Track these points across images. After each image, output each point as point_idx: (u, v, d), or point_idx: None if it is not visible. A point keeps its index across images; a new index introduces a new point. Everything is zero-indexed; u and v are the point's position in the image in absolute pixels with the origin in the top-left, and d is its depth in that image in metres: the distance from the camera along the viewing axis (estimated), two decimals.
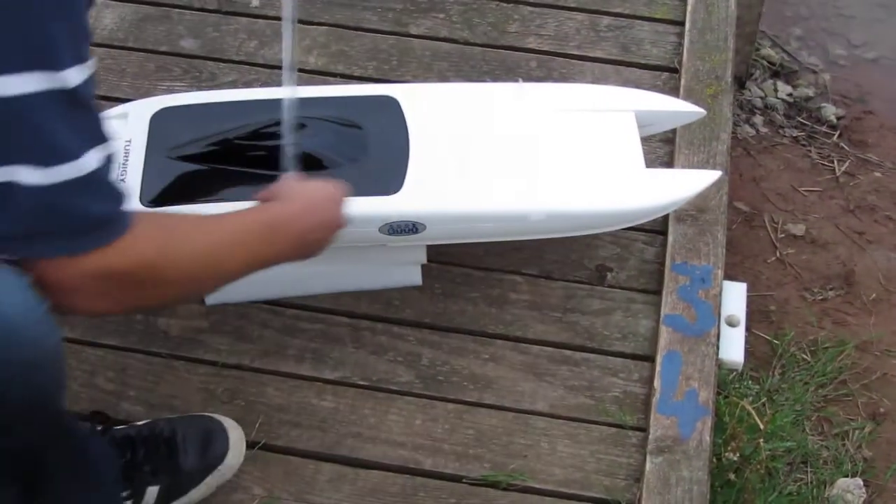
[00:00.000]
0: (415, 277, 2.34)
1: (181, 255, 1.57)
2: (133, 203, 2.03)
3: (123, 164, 2.12)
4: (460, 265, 2.40)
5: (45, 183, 1.36)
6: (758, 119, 3.53)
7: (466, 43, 2.80)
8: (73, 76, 1.35)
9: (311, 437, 2.16)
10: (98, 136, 1.42)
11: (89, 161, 1.40)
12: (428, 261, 2.31)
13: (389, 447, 2.15)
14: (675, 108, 2.36)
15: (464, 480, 2.13)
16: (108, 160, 1.43)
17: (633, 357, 2.30)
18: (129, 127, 2.18)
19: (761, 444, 2.25)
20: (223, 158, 2.13)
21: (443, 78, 2.72)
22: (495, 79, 2.72)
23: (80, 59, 1.36)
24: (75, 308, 1.50)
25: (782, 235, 3.14)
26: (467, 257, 2.40)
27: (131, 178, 2.10)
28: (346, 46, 2.79)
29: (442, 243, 2.28)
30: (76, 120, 1.38)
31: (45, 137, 1.35)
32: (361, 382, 2.23)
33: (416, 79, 2.71)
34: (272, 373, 2.23)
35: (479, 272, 2.40)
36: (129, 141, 2.14)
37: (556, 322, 2.33)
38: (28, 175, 1.35)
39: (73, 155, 1.38)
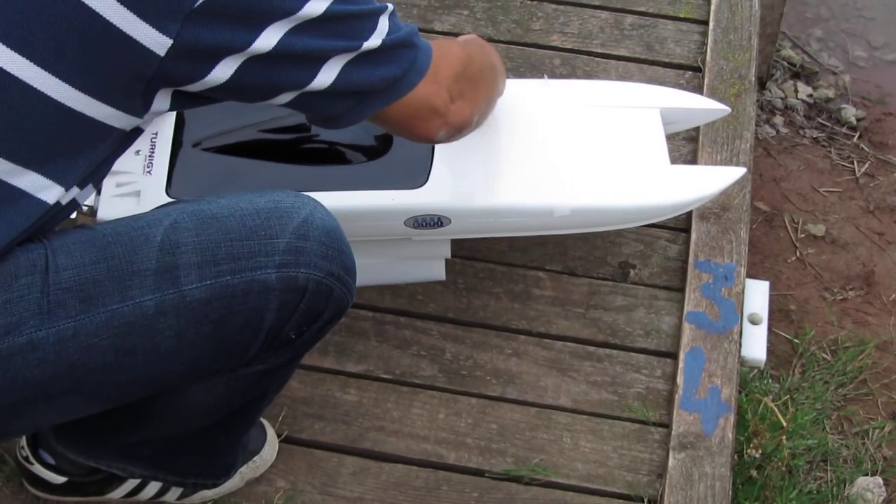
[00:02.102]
0: (438, 272, 2.35)
1: (470, 49, 1.85)
2: (159, 196, 2.06)
3: (150, 156, 2.12)
4: (484, 260, 2.40)
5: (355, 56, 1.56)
6: (778, 120, 3.53)
7: (490, 40, 2.79)
8: (314, 8, 1.49)
9: (334, 431, 2.17)
10: (372, 12, 1.58)
11: (381, 29, 1.58)
12: (451, 256, 2.31)
13: (413, 441, 2.16)
14: (701, 106, 2.36)
15: (486, 475, 2.13)
16: (392, 14, 1.61)
17: (656, 353, 2.30)
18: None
19: (784, 441, 2.25)
20: (251, 151, 2.14)
21: None
22: (519, 76, 2.72)
23: None
24: (454, 120, 1.75)
25: (802, 235, 3.14)
26: (491, 253, 2.40)
27: (158, 170, 2.11)
28: None
29: (466, 238, 2.29)
30: (344, 25, 1.54)
31: (322, 51, 1.53)
32: (385, 376, 2.24)
33: None
34: None
35: (503, 267, 2.40)
36: (156, 133, 2.15)
37: (580, 318, 2.34)
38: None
39: (366, 36, 1.56)
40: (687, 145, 2.60)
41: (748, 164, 2.53)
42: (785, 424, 2.25)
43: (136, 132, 1.57)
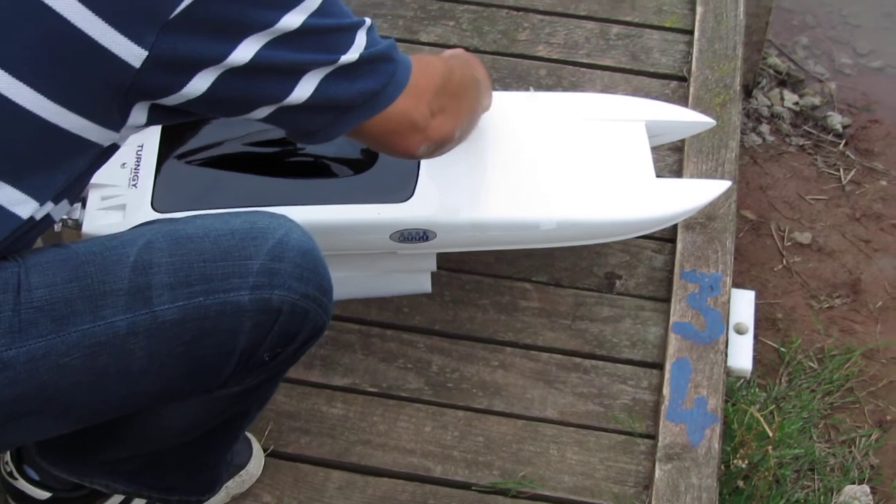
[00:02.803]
0: (425, 285, 2.35)
1: (452, 63, 1.85)
2: (144, 209, 2.05)
3: (135, 169, 2.12)
4: (470, 272, 2.40)
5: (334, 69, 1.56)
6: (764, 128, 3.54)
7: (476, 50, 2.80)
8: (291, 21, 1.49)
9: (320, 444, 2.16)
10: (349, 26, 1.58)
11: (358, 43, 1.58)
12: (437, 268, 2.31)
13: (399, 454, 2.16)
14: (686, 119, 2.36)
15: (473, 488, 2.13)
16: (370, 29, 1.61)
17: (642, 364, 2.30)
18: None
19: (770, 451, 2.25)
20: (236, 164, 2.14)
21: None
22: (505, 87, 2.73)
23: (288, 7, 1.50)
24: (434, 135, 1.75)
25: (789, 243, 3.15)
26: (477, 264, 2.40)
27: (143, 183, 2.11)
28: None
29: (452, 251, 2.29)
30: (321, 39, 1.54)
31: (298, 64, 1.53)
32: (371, 389, 2.24)
33: None
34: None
35: (489, 279, 2.40)
36: (142, 146, 2.15)
37: (566, 329, 2.34)
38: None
39: (343, 50, 1.56)
40: (672, 155, 2.60)
41: (733, 174, 2.53)
42: (771, 434, 2.25)
43: (113, 148, 1.57)
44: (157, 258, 1.54)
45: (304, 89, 1.55)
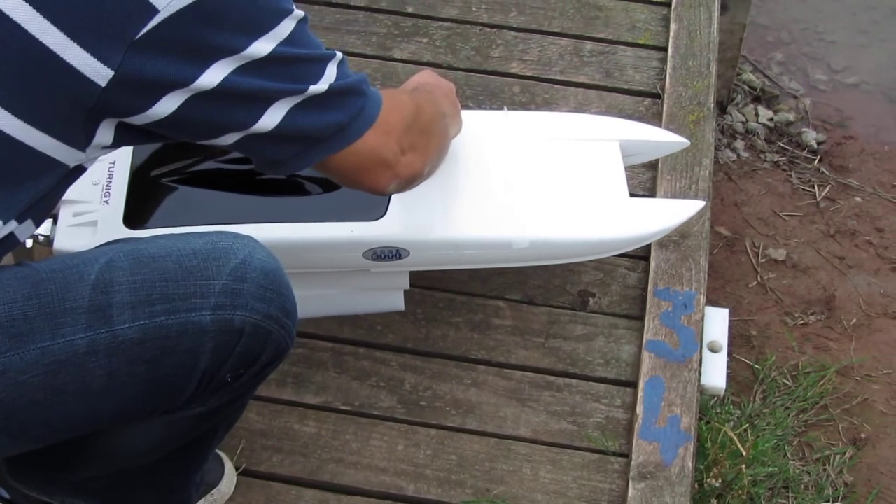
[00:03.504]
0: (397, 303, 2.34)
1: (420, 99, 1.85)
2: (116, 226, 2.05)
3: (107, 185, 2.11)
4: (443, 290, 2.40)
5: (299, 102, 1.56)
6: (739, 144, 3.55)
7: (450, 67, 2.80)
8: (260, 48, 1.48)
9: (292, 463, 2.15)
10: (319, 57, 1.58)
11: (328, 75, 1.58)
12: (411, 286, 2.31)
13: (372, 473, 2.15)
14: (660, 139, 2.36)
15: None
16: (341, 62, 1.61)
17: (616, 383, 2.30)
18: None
19: (743, 469, 2.25)
20: (209, 181, 2.13)
21: None
22: (479, 104, 2.72)
23: (258, 34, 1.49)
24: (403, 172, 1.74)
25: (763, 260, 3.16)
26: (450, 282, 2.40)
27: (115, 200, 2.10)
28: None
29: (425, 269, 2.28)
30: (290, 68, 1.54)
31: (266, 92, 1.53)
32: (343, 407, 2.23)
33: None
34: (254, 397, 2.17)
35: (462, 297, 2.40)
36: (113, 163, 2.14)
37: (539, 347, 2.33)
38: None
39: (312, 80, 1.56)
40: (646, 172, 2.60)
41: (707, 192, 2.54)
42: (745, 453, 2.26)
43: (79, 170, 1.56)
44: (118, 277, 1.53)
45: (271, 118, 1.54)
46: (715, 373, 2.36)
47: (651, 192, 2.56)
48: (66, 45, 1.39)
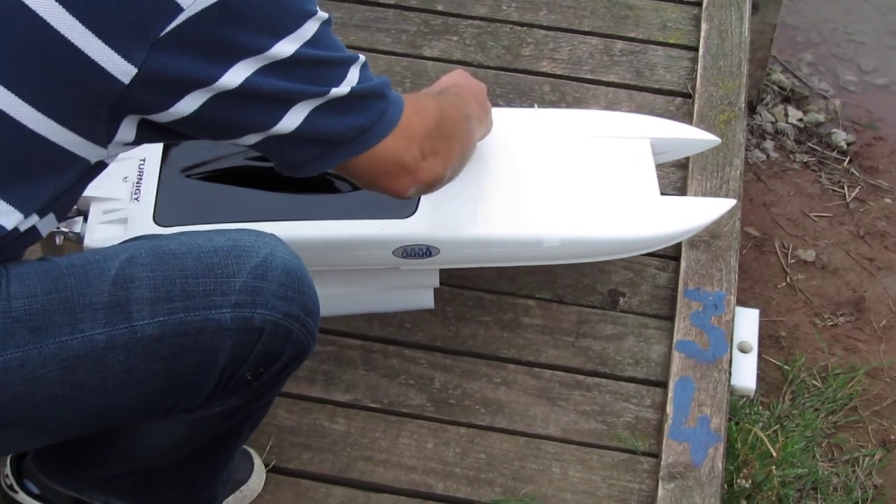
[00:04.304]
0: (427, 301, 2.34)
1: (444, 104, 1.84)
2: (146, 223, 2.05)
3: (137, 183, 2.12)
4: (472, 289, 2.39)
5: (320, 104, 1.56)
6: (768, 144, 3.54)
7: (480, 66, 2.80)
8: (283, 49, 1.49)
9: (322, 460, 2.15)
10: (342, 60, 1.57)
11: (350, 78, 1.57)
12: (440, 284, 2.30)
13: (401, 471, 2.15)
14: (691, 137, 2.35)
15: None
16: (363, 66, 1.60)
17: (645, 382, 2.29)
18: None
19: (773, 471, 2.24)
20: (239, 179, 2.13)
21: None
22: (508, 102, 2.72)
23: (281, 35, 1.49)
24: (424, 177, 1.73)
25: (793, 261, 3.15)
26: (480, 281, 2.40)
27: (145, 197, 2.10)
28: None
29: (455, 267, 2.28)
30: (313, 69, 1.53)
31: (288, 93, 1.52)
32: (373, 405, 2.23)
33: None
34: (283, 395, 2.20)
35: (492, 296, 2.39)
36: (144, 160, 2.14)
37: (569, 347, 2.33)
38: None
39: (335, 83, 1.55)
40: (676, 172, 2.59)
41: (738, 192, 2.53)
42: (774, 454, 2.24)
43: (100, 166, 1.56)
44: (138, 273, 1.53)
45: (292, 119, 1.54)
46: (745, 373, 2.35)
47: (682, 192, 2.55)
48: (90, 42, 1.39)
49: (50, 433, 1.62)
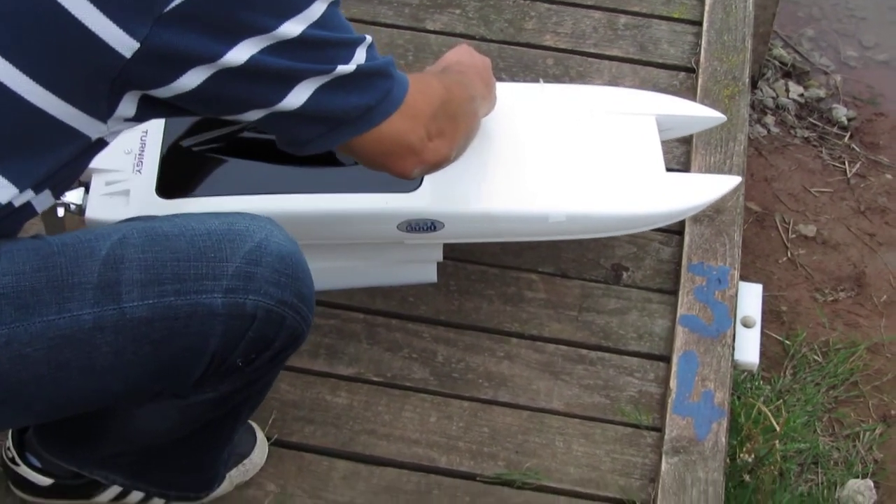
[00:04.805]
0: (430, 274, 2.34)
1: (450, 82, 1.83)
2: (149, 196, 2.04)
3: (140, 155, 2.11)
4: (476, 262, 2.39)
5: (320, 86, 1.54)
6: (769, 119, 3.53)
7: (483, 39, 2.79)
8: (290, 29, 1.47)
9: (324, 434, 2.15)
10: (349, 41, 1.55)
11: (357, 57, 1.55)
12: (443, 258, 2.30)
13: (404, 444, 2.15)
14: (697, 114, 2.35)
15: (478, 479, 2.12)
16: (370, 46, 1.59)
17: (649, 357, 2.29)
18: None
19: (776, 445, 2.24)
20: (243, 151, 2.12)
21: None
22: (512, 76, 2.71)
23: (289, 15, 1.47)
24: (429, 158, 1.72)
25: (793, 236, 3.14)
26: (483, 255, 2.39)
27: (147, 169, 2.09)
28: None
29: (459, 242, 2.27)
30: (320, 49, 1.52)
31: (294, 71, 1.51)
32: (376, 379, 2.23)
33: None
34: (286, 368, 2.18)
35: (495, 270, 2.39)
36: (146, 132, 2.13)
37: (572, 321, 2.32)
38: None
39: (341, 61, 1.54)
40: (680, 147, 2.58)
41: (742, 168, 2.52)
42: (778, 429, 2.24)
43: (101, 143, 1.55)
44: (129, 254, 1.51)
45: (297, 97, 1.52)
46: (748, 348, 2.35)
47: (685, 167, 2.55)
48: (93, 15, 1.38)
49: (36, 413, 1.61)
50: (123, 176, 2.08)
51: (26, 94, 1.41)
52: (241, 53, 1.45)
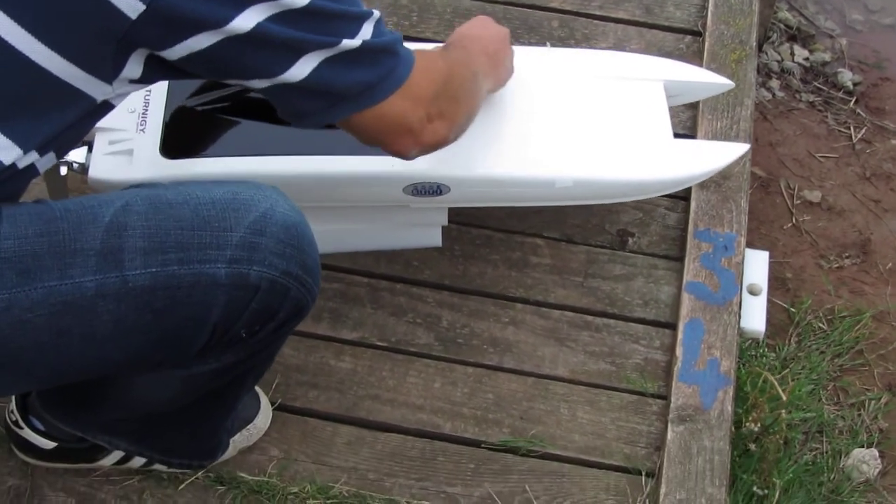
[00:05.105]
0: (435, 238, 2.31)
1: (454, 60, 1.83)
2: (153, 155, 2.01)
3: (143, 114, 2.08)
4: (481, 227, 2.37)
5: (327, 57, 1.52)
6: (774, 83, 3.50)
7: (488, 0, 2.76)
8: None
9: (328, 399, 2.14)
10: (356, 15, 1.54)
11: (363, 32, 1.54)
12: (448, 222, 2.27)
13: (408, 410, 2.13)
14: (705, 80, 2.33)
15: (483, 445, 2.11)
16: (377, 21, 1.57)
17: (655, 324, 2.27)
18: None
19: (783, 414, 2.22)
20: (248, 111, 2.09)
21: None
22: (517, 38, 2.68)
23: None
24: (428, 139, 1.71)
25: (798, 202, 3.11)
26: (488, 219, 2.37)
27: (151, 128, 2.06)
28: (365, 3, 2.72)
29: (465, 206, 2.25)
30: (327, 21, 1.50)
31: (299, 42, 1.49)
32: (380, 344, 2.21)
33: (436, 37, 2.67)
34: None
35: (500, 234, 2.37)
36: (150, 91, 2.10)
37: (577, 287, 2.30)
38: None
39: (347, 35, 1.52)
40: (686, 112, 2.56)
41: (748, 133, 2.50)
42: (784, 398, 2.23)
43: (106, 106, 1.53)
44: (132, 221, 1.49)
45: (301, 69, 1.50)
46: (754, 316, 2.34)
47: (692, 132, 2.52)
48: None
49: (37, 379, 1.60)
50: (127, 135, 2.06)
51: (30, 53, 1.39)
52: (247, 20, 1.43)
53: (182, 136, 2.07)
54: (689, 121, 2.55)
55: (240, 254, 1.52)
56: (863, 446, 2.52)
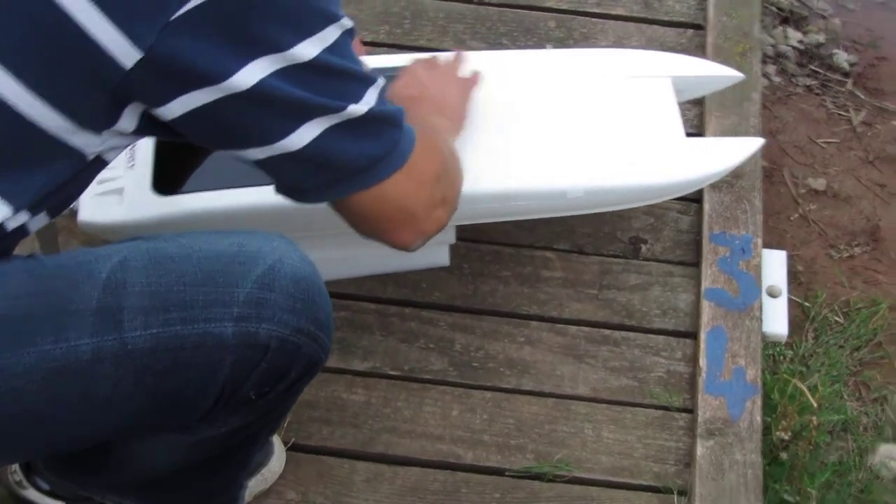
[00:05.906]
0: (443, 258, 2.24)
1: (441, 136, 1.73)
2: (145, 193, 1.93)
3: (132, 148, 2.00)
4: (489, 242, 2.29)
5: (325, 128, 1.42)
6: (770, 68, 3.42)
7: (482, 3, 2.68)
8: (304, 51, 1.35)
9: (343, 435, 2.06)
10: (362, 76, 1.44)
11: (368, 98, 1.44)
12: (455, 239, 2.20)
13: (427, 441, 2.06)
14: (714, 73, 2.26)
15: (507, 473, 2.03)
16: (382, 89, 1.47)
17: (675, 334, 2.20)
18: None
19: (814, 421, 2.15)
20: None
21: (458, 41, 2.60)
22: (513, 41, 2.61)
23: (304, 34, 1.35)
24: (430, 229, 1.61)
25: (803, 191, 3.04)
26: (496, 233, 2.29)
27: (141, 163, 1.99)
28: (355, 10, 2.66)
29: (473, 223, 2.17)
30: (332, 80, 1.40)
31: (304, 104, 1.39)
32: (393, 373, 2.13)
33: (430, 44, 2.59)
34: None
35: (509, 249, 2.29)
36: None
37: (592, 300, 2.23)
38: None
39: (352, 99, 1.42)
40: (692, 109, 2.49)
41: (758, 127, 2.43)
42: (815, 405, 2.15)
43: (99, 163, 1.44)
44: (131, 278, 1.39)
45: (301, 136, 1.40)
46: (776, 319, 2.27)
47: (699, 130, 2.46)
48: (94, 19, 1.26)
49: (30, 450, 1.53)
50: (116, 173, 1.98)
51: (19, 102, 1.30)
52: (249, 75, 1.33)
53: (175, 170, 1.98)
54: (695, 118, 2.48)
55: (247, 311, 1.42)
56: (889, 442, 2.45)
